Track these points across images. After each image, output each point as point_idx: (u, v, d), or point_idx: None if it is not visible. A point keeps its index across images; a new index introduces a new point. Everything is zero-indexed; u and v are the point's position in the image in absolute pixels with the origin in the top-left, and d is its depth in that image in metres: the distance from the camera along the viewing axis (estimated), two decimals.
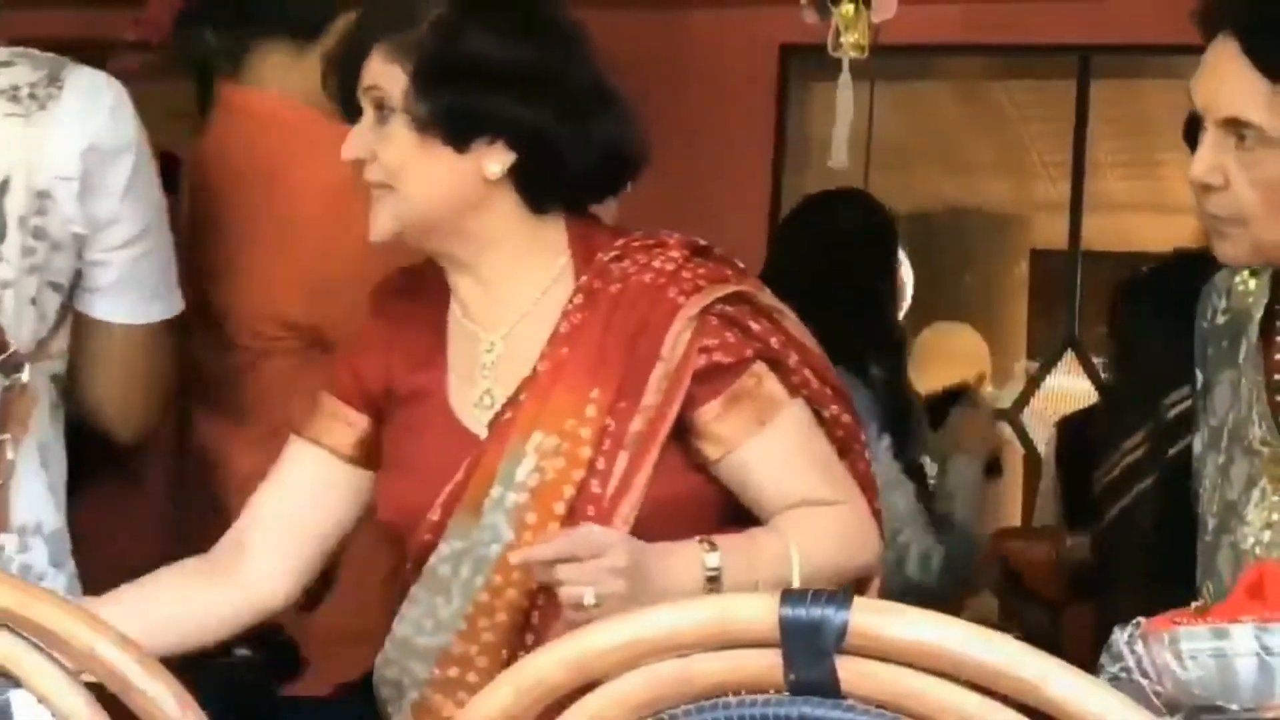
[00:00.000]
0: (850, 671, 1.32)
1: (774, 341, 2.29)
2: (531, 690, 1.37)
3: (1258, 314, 2.15)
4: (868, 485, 2.36)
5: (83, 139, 2.40)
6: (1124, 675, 1.82)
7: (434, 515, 2.25)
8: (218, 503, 2.80)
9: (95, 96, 2.43)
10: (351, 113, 2.33)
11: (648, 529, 2.18)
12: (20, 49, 2.48)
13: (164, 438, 3.36)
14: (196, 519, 2.88)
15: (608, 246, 2.31)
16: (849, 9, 4.16)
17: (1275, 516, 2.06)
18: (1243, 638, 1.76)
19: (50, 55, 2.47)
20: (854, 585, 2.30)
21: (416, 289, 2.40)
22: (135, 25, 3.86)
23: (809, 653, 1.32)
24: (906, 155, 3.61)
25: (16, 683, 1.43)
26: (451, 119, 2.23)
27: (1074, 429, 4.53)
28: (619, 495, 2.21)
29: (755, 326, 2.28)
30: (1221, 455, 2.15)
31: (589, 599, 2.05)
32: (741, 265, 2.37)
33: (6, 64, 2.43)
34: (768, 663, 1.34)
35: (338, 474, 2.37)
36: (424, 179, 2.26)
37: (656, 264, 2.28)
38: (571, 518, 2.20)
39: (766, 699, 1.35)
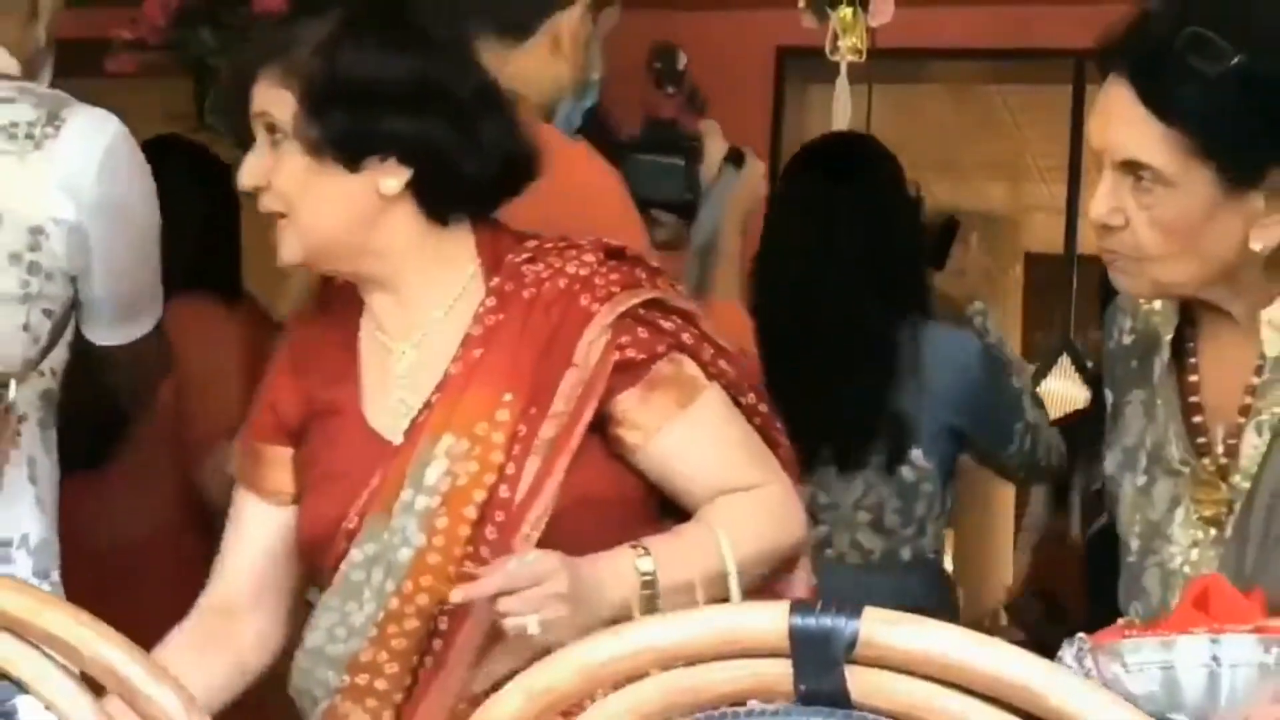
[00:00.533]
0: (860, 681, 1.32)
1: (686, 337, 2.30)
2: (542, 697, 1.37)
3: (1168, 335, 2.16)
4: (788, 468, 2.37)
5: (72, 182, 2.44)
6: None
7: (351, 523, 2.26)
8: None
9: (92, 139, 2.45)
10: (242, 140, 2.33)
11: (564, 526, 2.20)
12: (26, 85, 2.51)
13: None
14: None
15: (518, 249, 2.33)
16: (847, 12, 4.18)
17: (1202, 535, 2.07)
18: (1191, 650, 1.77)
19: (54, 93, 2.50)
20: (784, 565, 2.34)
21: (327, 309, 2.41)
22: (132, 24, 3.86)
23: (819, 663, 1.32)
24: (903, 158, 3.63)
25: (22, 688, 1.43)
26: (342, 140, 2.24)
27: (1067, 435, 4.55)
28: (528, 501, 2.21)
29: (667, 325, 2.29)
30: (1141, 476, 2.16)
31: (534, 628, 2.07)
32: (655, 265, 2.38)
33: (8, 100, 2.47)
34: (777, 672, 1.34)
35: (287, 517, 2.37)
36: (320, 202, 2.26)
37: (570, 269, 2.28)
38: (481, 523, 2.21)
39: (776, 709, 1.35)
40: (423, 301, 2.32)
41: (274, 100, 2.26)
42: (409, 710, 2.22)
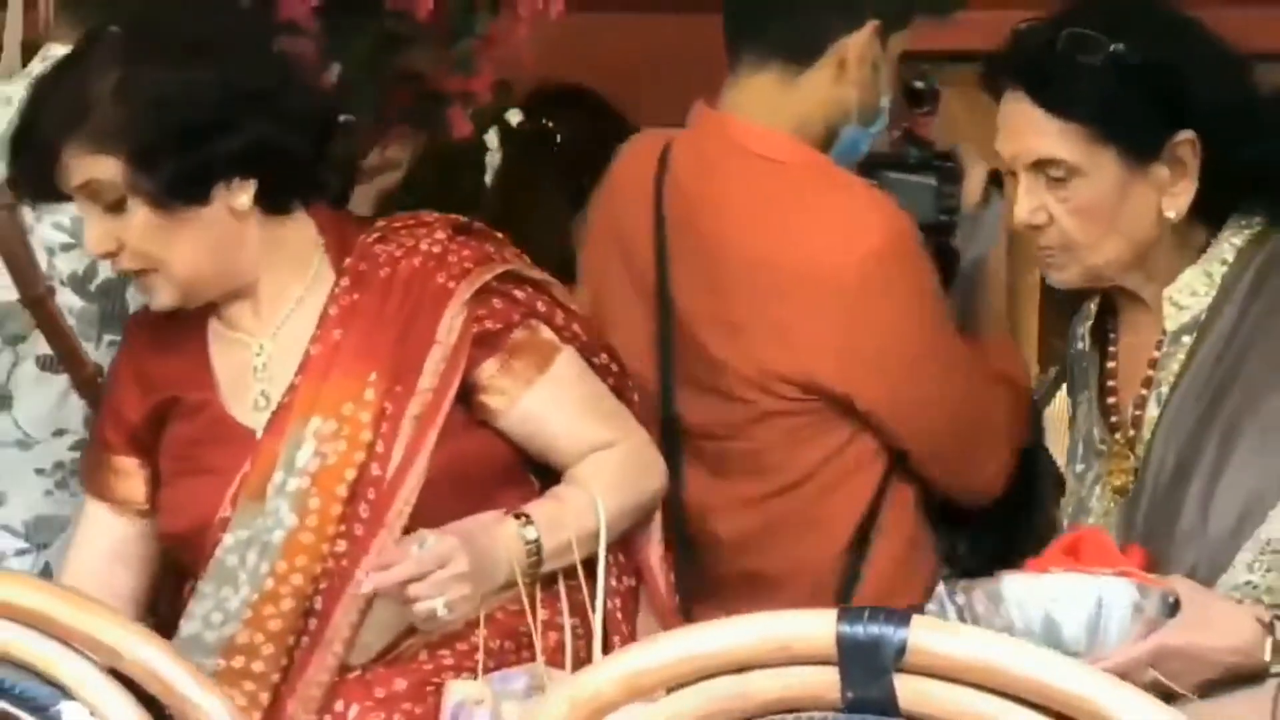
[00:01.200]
0: (909, 689, 1.32)
1: (539, 304, 2.37)
2: (587, 704, 1.37)
3: (1088, 321, 2.32)
4: (643, 421, 2.45)
5: None
6: None
7: (225, 512, 2.28)
8: None
9: None
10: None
11: (436, 494, 2.25)
12: None
13: None
14: None
15: (367, 229, 2.36)
16: None
17: (1111, 505, 2.20)
18: (1072, 590, 1.90)
19: None
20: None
21: (168, 313, 2.38)
22: None
23: (867, 670, 1.32)
24: None
25: (68, 694, 1.43)
26: (184, 181, 2.23)
27: None
28: (399, 477, 2.26)
29: (520, 295, 2.36)
30: (1080, 464, 2.29)
31: (443, 611, 2.14)
32: (500, 236, 2.43)
33: None
34: (824, 680, 1.34)
35: (137, 527, 2.39)
36: (181, 244, 2.26)
37: (424, 246, 2.33)
38: (353, 500, 2.25)
39: (823, 717, 1.35)
40: (276, 296, 2.35)
41: (94, 167, 2.23)
42: (286, 690, 2.25)
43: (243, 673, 2.26)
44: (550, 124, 3.63)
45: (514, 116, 3.57)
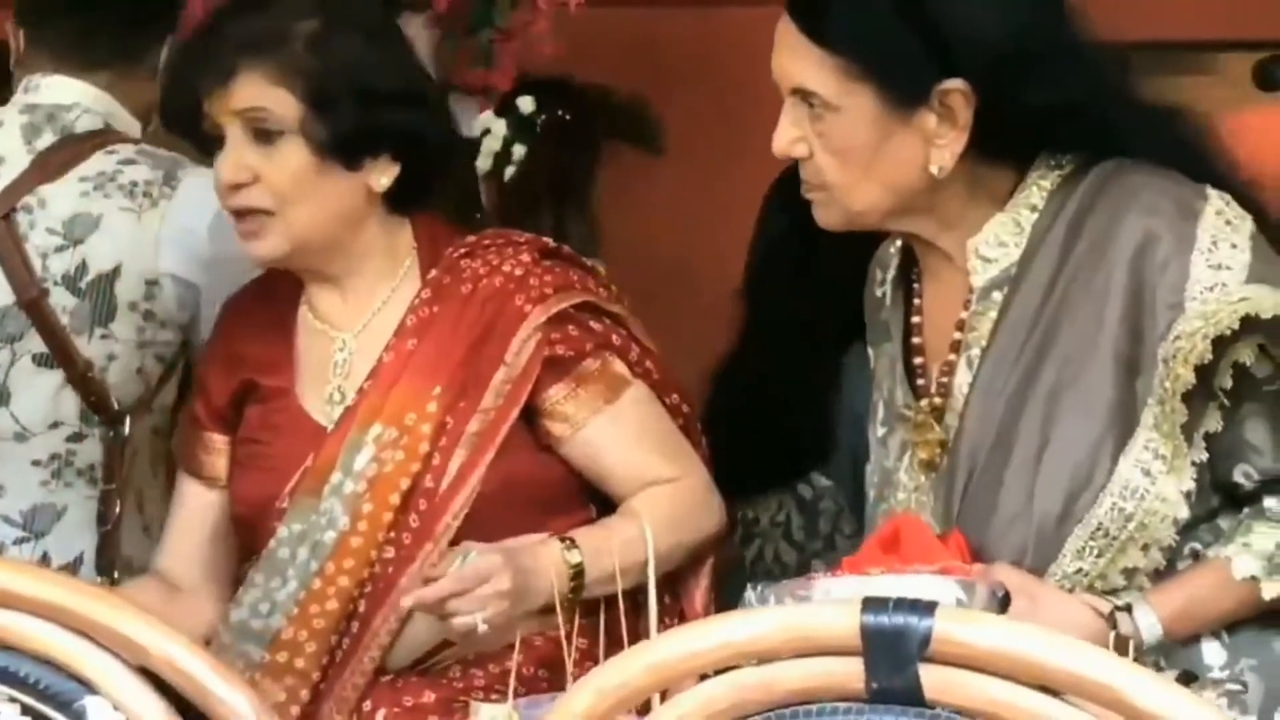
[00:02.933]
0: (934, 679, 1.32)
1: (614, 338, 2.37)
2: (615, 693, 1.37)
3: (888, 275, 2.17)
4: (707, 466, 2.44)
5: (186, 239, 2.61)
6: None
7: (282, 503, 2.30)
8: None
9: (204, 200, 2.52)
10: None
11: (489, 509, 2.26)
12: (146, 147, 2.68)
13: None
14: None
15: (456, 243, 2.37)
16: None
17: (923, 479, 2.07)
18: (881, 590, 1.68)
19: (171, 155, 2.66)
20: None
21: (263, 296, 2.43)
22: None
23: (892, 660, 1.32)
24: None
25: (93, 689, 1.43)
26: (351, 139, 2.26)
27: None
28: (452, 491, 2.27)
29: (597, 326, 2.35)
30: (881, 426, 2.17)
31: (482, 628, 2.15)
32: (589, 264, 2.44)
33: (130, 161, 2.64)
34: (849, 670, 1.34)
35: (224, 500, 2.42)
36: (317, 201, 2.28)
37: (506, 267, 2.33)
38: (404, 510, 2.26)
39: (848, 706, 1.35)
40: (365, 293, 2.36)
41: (271, 97, 2.26)
42: (324, 689, 2.27)
43: (286, 668, 2.28)
44: (564, 114, 3.61)
45: (526, 104, 3.55)
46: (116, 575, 2.62)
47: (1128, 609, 1.92)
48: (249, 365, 2.39)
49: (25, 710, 1.44)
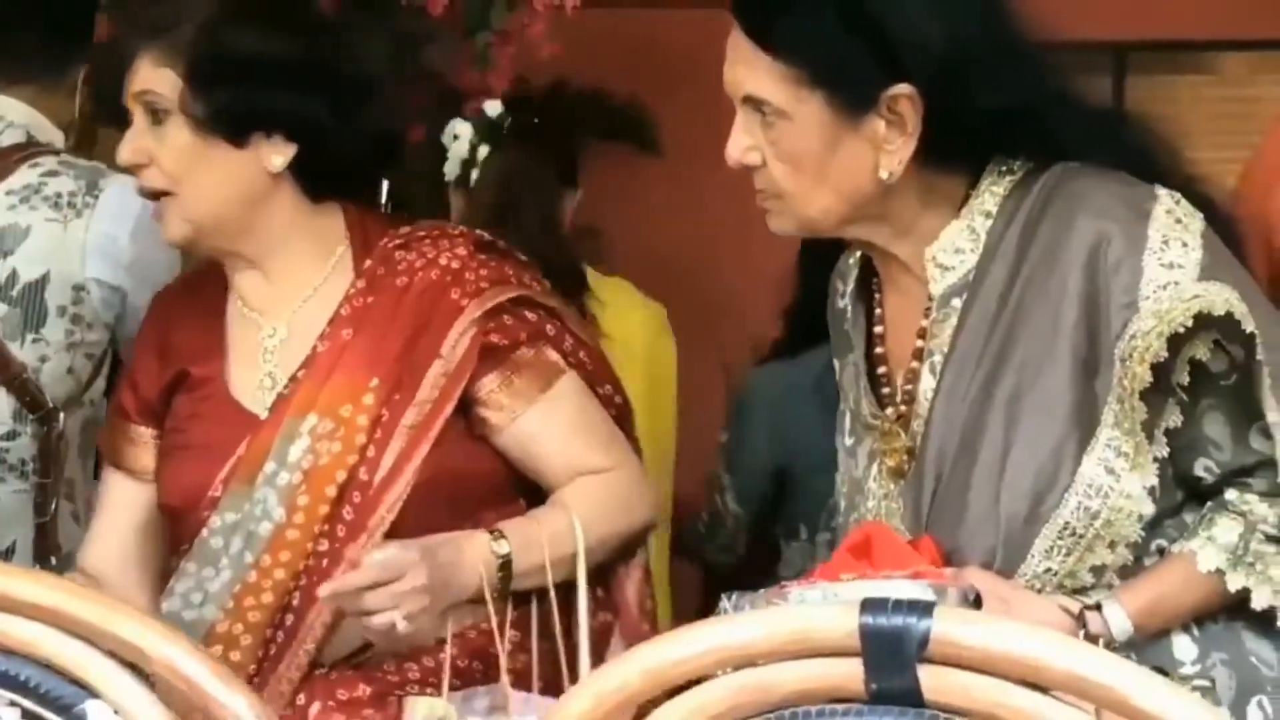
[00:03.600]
0: (933, 680, 1.31)
1: (549, 328, 2.39)
2: (612, 696, 1.37)
3: (848, 288, 2.19)
4: (639, 455, 2.47)
5: (109, 246, 2.72)
6: None
7: (215, 492, 2.31)
8: None
9: (126, 207, 2.67)
10: (118, 119, 2.37)
11: (422, 500, 2.27)
12: (68, 158, 2.81)
13: None
14: None
15: (391, 234, 2.38)
16: None
17: (893, 486, 2.08)
18: (853, 597, 1.74)
19: (93, 165, 2.79)
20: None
21: (193, 288, 2.46)
22: None
23: (890, 661, 1.32)
24: None
25: (93, 693, 1.43)
26: (229, 115, 2.29)
27: None
28: (386, 484, 2.28)
29: (531, 317, 2.37)
30: (849, 436, 2.18)
31: (401, 626, 2.15)
32: (523, 257, 2.45)
33: (53, 173, 2.77)
34: (848, 672, 1.33)
35: (150, 494, 2.43)
36: (207, 179, 2.31)
37: (442, 260, 2.35)
38: (339, 503, 2.27)
39: (847, 708, 1.35)
40: (293, 280, 2.37)
41: (157, 79, 2.31)
42: (259, 684, 2.27)
43: (221, 662, 2.27)
44: (536, 120, 3.60)
45: (493, 108, 3.54)
46: (54, 562, 2.72)
47: (1097, 608, 1.94)
48: (181, 355, 2.41)
49: (26, 715, 1.44)
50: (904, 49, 1.95)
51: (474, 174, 3.53)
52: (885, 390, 2.10)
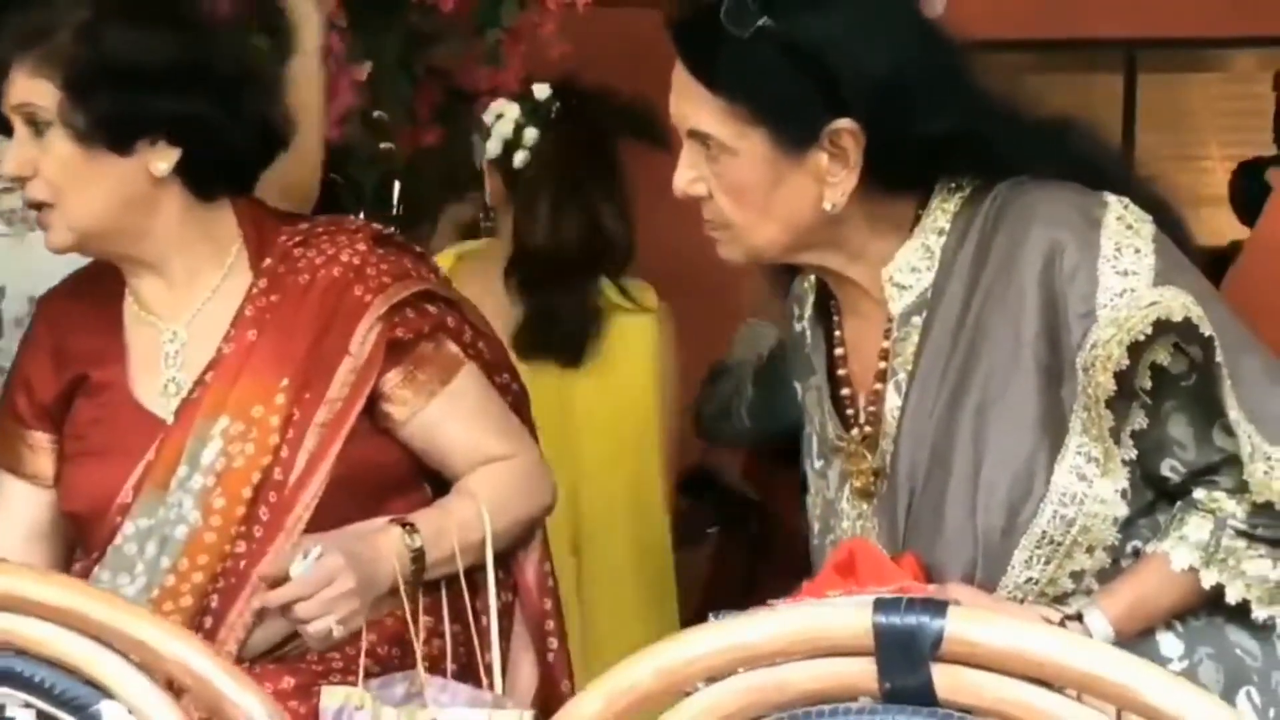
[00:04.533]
0: (946, 679, 1.31)
1: (449, 320, 2.40)
2: (624, 697, 1.36)
3: (806, 311, 2.20)
4: (536, 439, 2.50)
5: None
6: None
7: (125, 498, 2.29)
8: None
9: None
10: (2, 130, 2.34)
11: (333, 498, 2.27)
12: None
13: None
14: None
15: (287, 231, 2.37)
16: None
17: (865, 506, 2.09)
18: None
19: None
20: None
21: (85, 289, 2.42)
22: None
23: (904, 660, 1.32)
24: None
25: (107, 694, 1.44)
26: (111, 124, 2.26)
27: None
28: (301, 482, 2.28)
29: (432, 309, 2.38)
30: (819, 459, 2.18)
31: (338, 632, 2.17)
32: (419, 250, 2.48)
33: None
34: (862, 671, 1.33)
35: (53, 501, 2.40)
36: (90, 188, 2.28)
37: (344, 257, 2.34)
38: (255, 504, 2.27)
39: (860, 707, 1.34)
40: (191, 282, 2.36)
41: (34, 90, 2.27)
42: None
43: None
44: (575, 104, 3.60)
45: (541, 91, 3.54)
46: None
47: (1078, 616, 1.94)
48: (79, 359, 2.38)
49: (40, 715, 1.44)
50: (843, 83, 1.94)
51: (517, 155, 3.53)
52: (849, 412, 2.11)
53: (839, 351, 2.13)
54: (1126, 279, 1.93)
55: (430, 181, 4.05)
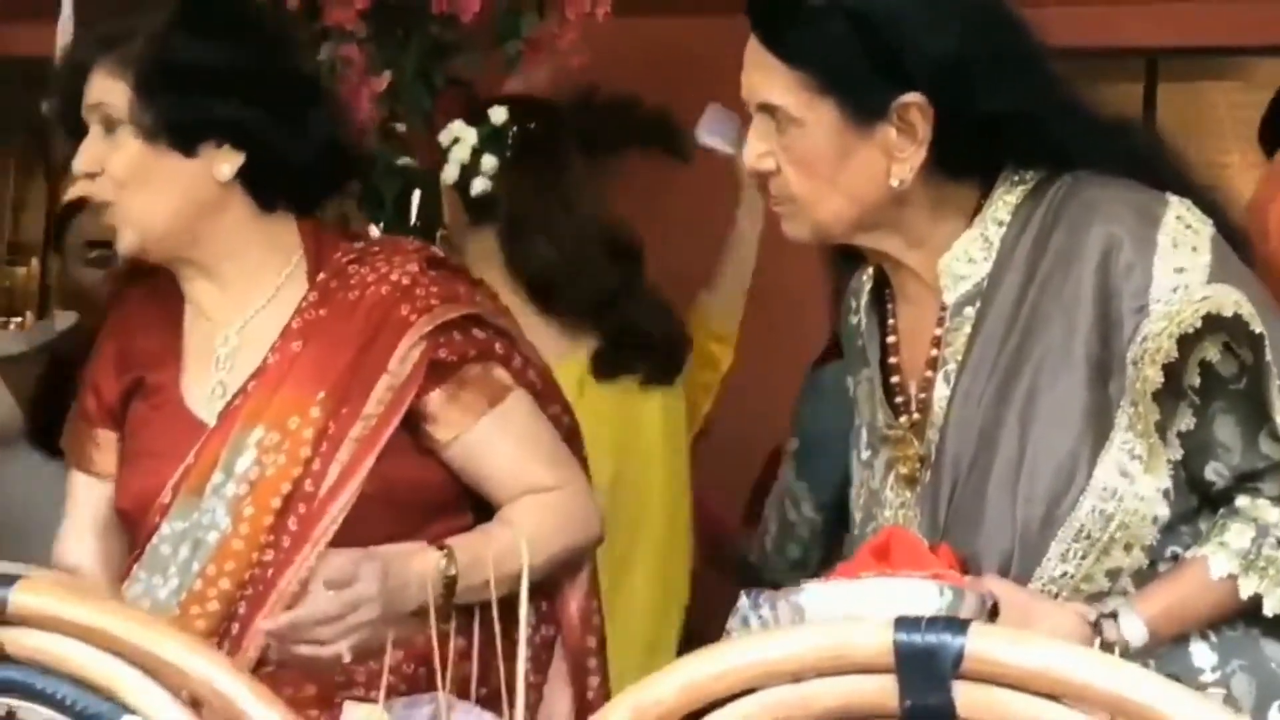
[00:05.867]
0: (968, 697, 1.31)
1: (497, 347, 2.40)
2: (650, 711, 1.37)
3: (861, 302, 2.22)
4: (587, 473, 2.48)
5: None
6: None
7: (165, 498, 2.33)
8: None
9: None
10: (74, 132, 2.39)
11: (369, 511, 2.28)
12: None
13: None
14: None
15: (345, 248, 2.40)
16: None
17: (909, 495, 2.09)
18: (872, 594, 1.74)
19: None
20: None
21: (152, 293, 2.47)
22: None
23: (925, 679, 1.32)
24: None
25: (129, 710, 1.44)
26: (176, 124, 2.31)
27: None
28: (331, 495, 2.29)
29: (480, 334, 2.38)
30: (866, 449, 2.19)
31: (347, 656, 2.17)
32: (476, 278, 2.47)
33: None
34: (883, 688, 1.33)
35: (111, 495, 2.44)
36: (154, 186, 2.33)
37: (394, 276, 2.36)
38: (284, 514, 2.28)
39: None
40: (247, 289, 2.39)
41: (109, 90, 2.33)
42: None
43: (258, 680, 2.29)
44: (532, 125, 3.57)
45: (498, 115, 3.51)
46: None
47: (1113, 615, 1.94)
48: (138, 361, 2.43)
49: None
50: (912, 58, 1.97)
51: (475, 181, 3.50)
52: (899, 400, 2.12)
53: (891, 340, 2.15)
54: (1181, 275, 1.94)
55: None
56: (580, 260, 3.41)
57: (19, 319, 7.10)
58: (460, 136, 3.47)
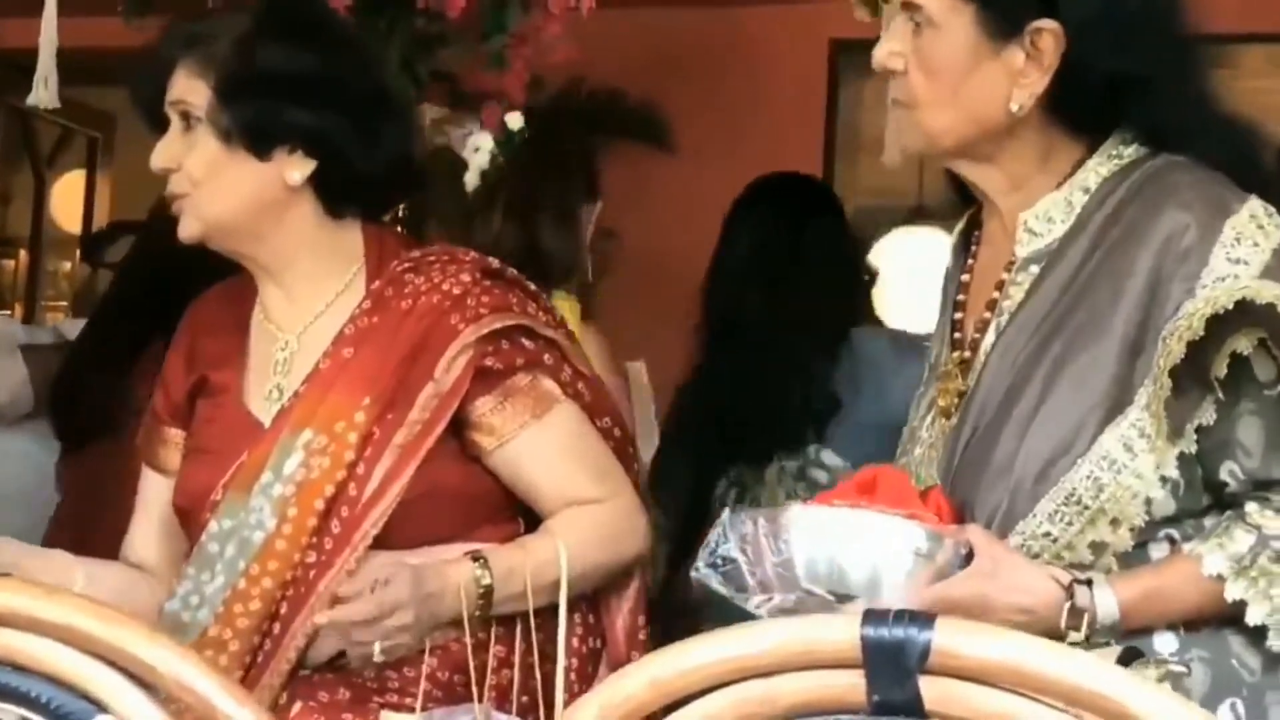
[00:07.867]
0: (934, 691, 1.32)
1: (546, 358, 2.41)
2: (619, 708, 1.37)
3: (954, 243, 2.28)
4: (638, 489, 2.49)
5: None
6: (719, 560, 1.90)
7: (216, 496, 2.37)
8: None
9: None
10: (155, 125, 2.44)
11: (413, 515, 2.32)
12: None
13: None
14: None
15: (404, 256, 2.43)
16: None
17: (937, 432, 2.14)
18: (852, 525, 1.82)
19: None
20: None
21: (226, 297, 2.53)
22: None
23: (892, 673, 1.32)
24: None
25: (103, 708, 1.44)
26: (253, 128, 2.37)
27: None
28: (373, 500, 2.32)
29: (529, 344, 2.40)
30: (923, 386, 2.24)
31: (379, 656, 2.22)
32: (532, 288, 2.48)
33: None
34: (850, 683, 1.34)
35: None
36: (227, 185, 2.38)
37: (446, 285, 2.39)
38: (327, 516, 2.32)
39: (849, 719, 1.35)
40: (309, 295, 2.43)
41: (190, 89, 2.39)
42: (245, 688, 2.26)
43: (210, 665, 2.30)
44: (548, 128, 3.61)
45: (514, 121, 3.55)
46: None
47: (1088, 583, 1.95)
48: (204, 361, 2.48)
49: None
50: None
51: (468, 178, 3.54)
52: (958, 335, 2.17)
53: (964, 277, 2.20)
54: (1235, 266, 1.96)
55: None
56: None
57: (6, 311, 7.10)
58: (480, 145, 3.52)
